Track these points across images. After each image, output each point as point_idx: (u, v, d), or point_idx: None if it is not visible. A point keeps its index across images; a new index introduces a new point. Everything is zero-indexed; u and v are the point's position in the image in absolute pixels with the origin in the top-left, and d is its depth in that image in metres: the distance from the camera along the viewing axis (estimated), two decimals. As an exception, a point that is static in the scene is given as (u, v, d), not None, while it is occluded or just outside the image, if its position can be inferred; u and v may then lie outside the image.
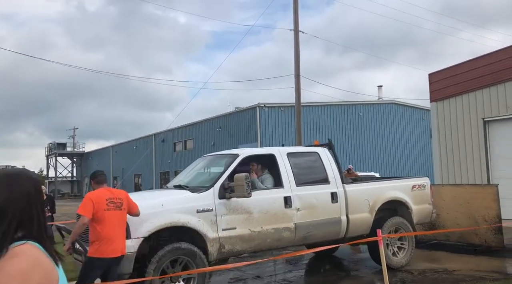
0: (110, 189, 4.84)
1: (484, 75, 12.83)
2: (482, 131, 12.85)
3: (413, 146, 31.45)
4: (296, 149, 7.58)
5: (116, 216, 4.62)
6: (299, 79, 15.37)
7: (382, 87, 35.43)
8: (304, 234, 6.34)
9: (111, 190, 4.85)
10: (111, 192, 4.76)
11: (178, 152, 35.08)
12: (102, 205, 4.54)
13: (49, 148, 58.26)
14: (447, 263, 7.62)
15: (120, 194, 4.81)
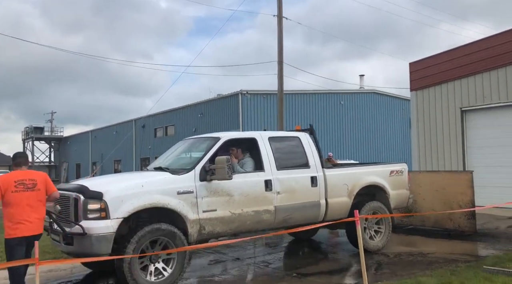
0: (26, 171, 4.98)
1: (463, 65, 13.07)
2: (459, 120, 13.13)
3: (393, 135, 31.93)
4: (277, 134, 7.62)
5: (25, 197, 4.74)
6: (282, 66, 15.37)
7: (363, 76, 35.75)
8: (283, 217, 6.41)
9: (27, 172, 4.98)
10: (25, 174, 4.90)
11: (159, 138, 34.78)
12: (10, 187, 4.70)
13: (25, 132, 56.94)
14: (422, 246, 7.84)
15: (35, 175, 4.96)
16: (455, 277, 5.39)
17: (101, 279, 6.23)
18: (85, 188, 5.23)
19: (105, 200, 5.03)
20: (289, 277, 6.08)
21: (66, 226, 5.19)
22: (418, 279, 5.40)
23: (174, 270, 5.40)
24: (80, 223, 5.00)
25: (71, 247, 5.12)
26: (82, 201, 5.08)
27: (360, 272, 5.26)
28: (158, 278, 5.32)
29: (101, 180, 6.15)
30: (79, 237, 4.98)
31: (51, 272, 6.59)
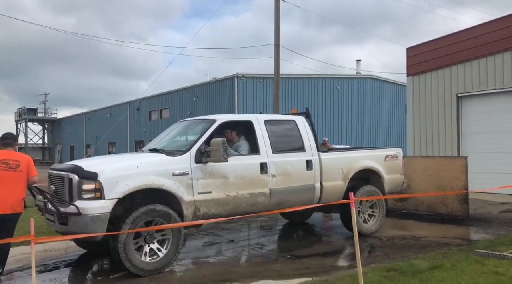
0: (12, 152, 5.19)
1: (460, 51, 13.04)
2: (455, 106, 13.16)
3: (389, 121, 31.98)
4: (273, 117, 7.60)
5: (7, 176, 4.96)
6: (278, 49, 15.24)
7: (360, 61, 35.60)
8: (278, 200, 6.43)
9: (12, 152, 5.19)
10: (10, 154, 5.11)
11: (154, 121, 34.63)
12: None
13: (18, 113, 56.43)
14: (415, 230, 7.92)
15: (19, 157, 5.19)
16: (447, 260, 5.46)
17: (96, 260, 6.25)
18: (80, 168, 5.21)
19: (100, 180, 5.01)
20: (283, 258, 6.13)
21: (60, 206, 5.17)
22: (410, 261, 5.46)
23: (169, 250, 5.43)
24: (75, 203, 4.98)
25: (66, 226, 5.11)
26: (76, 181, 5.06)
27: (353, 255, 5.32)
28: (153, 259, 5.35)
29: (95, 161, 6.12)
30: (73, 217, 4.97)
31: (45, 252, 6.60)
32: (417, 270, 5.02)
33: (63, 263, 6.16)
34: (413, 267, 5.15)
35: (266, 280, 5.04)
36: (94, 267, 5.96)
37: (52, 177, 5.66)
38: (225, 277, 5.17)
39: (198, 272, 5.46)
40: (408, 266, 5.21)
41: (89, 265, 6.03)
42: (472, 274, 4.79)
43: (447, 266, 5.16)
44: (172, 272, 5.48)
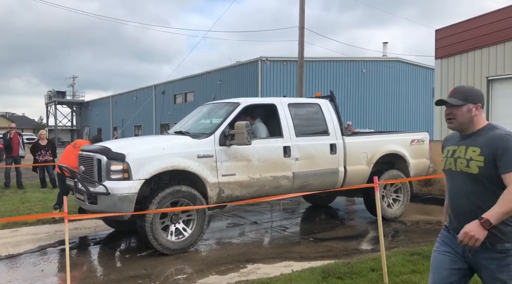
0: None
1: (490, 33, 12.58)
2: (485, 90, 12.76)
3: (415, 105, 31.35)
4: (297, 100, 7.57)
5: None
6: (303, 31, 15.06)
7: (387, 43, 34.81)
8: (301, 183, 6.46)
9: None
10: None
11: (178, 105, 34.97)
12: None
13: (48, 96, 57.94)
14: (440, 215, 7.81)
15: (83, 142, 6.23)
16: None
17: (123, 238, 6.47)
18: (108, 149, 5.35)
19: (128, 161, 5.14)
20: (305, 241, 6.19)
21: (90, 186, 5.35)
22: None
23: (194, 230, 5.56)
24: (104, 183, 5.15)
25: (95, 206, 5.30)
26: (105, 162, 5.22)
27: (377, 239, 5.33)
28: (178, 238, 5.49)
29: (123, 143, 6.27)
30: (102, 196, 5.15)
31: (76, 230, 6.86)
32: (441, 255, 4.98)
33: (93, 241, 6.41)
34: (437, 251, 5.11)
35: (288, 261, 5.11)
36: (122, 246, 6.17)
37: (82, 158, 5.84)
38: (248, 258, 5.28)
39: (222, 252, 5.59)
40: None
41: (117, 244, 6.25)
42: None
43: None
44: (197, 251, 5.63)
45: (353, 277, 4.27)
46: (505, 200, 2.16)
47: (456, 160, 2.41)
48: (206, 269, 4.87)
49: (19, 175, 11.57)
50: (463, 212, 2.37)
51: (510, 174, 2.20)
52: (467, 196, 2.35)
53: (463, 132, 2.45)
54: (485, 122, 2.42)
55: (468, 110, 2.37)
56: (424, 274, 4.30)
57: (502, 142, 2.25)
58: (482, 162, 2.28)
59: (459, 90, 2.44)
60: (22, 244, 6.01)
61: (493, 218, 2.12)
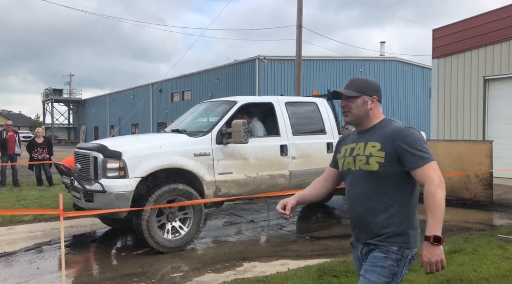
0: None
1: (487, 33, 12.62)
2: (481, 89, 12.81)
3: (412, 104, 31.41)
4: (294, 99, 7.57)
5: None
6: (301, 30, 15.05)
7: (384, 43, 34.84)
8: (298, 182, 6.47)
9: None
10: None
11: (176, 103, 34.91)
12: None
13: (45, 94, 57.74)
14: (436, 215, 7.84)
15: None
16: (468, 244, 5.42)
17: (119, 236, 6.45)
18: (104, 147, 5.34)
19: (124, 159, 5.13)
20: (301, 239, 6.19)
21: (86, 184, 5.34)
22: (430, 245, 5.43)
23: (190, 229, 5.56)
24: (100, 181, 5.13)
25: (91, 204, 5.28)
26: (101, 160, 5.20)
27: (373, 237, 5.34)
28: (175, 236, 5.49)
29: (120, 140, 6.25)
30: (99, 194, 5.13)
31: (72, 228, 6.85)
32: (437, 253, 4.99)
33: (89, 239, 6.39)
34: (432, 250, 5.13)
35: (284, 259, 5.12)
36: (118, 244, 6.16)
37: (78, 155, 5.83)
38: (245, 256, 5.28)
39: (218, 250, 5.58)
40: (428, 249, 5.18)
41: (113, 242, 6.24)
42: (493, 259, 4.75)
43: (468, 250, 5.12)
44: (193, 249, 5.62)
45: (349, 276, 4.27)
46: (432, 204, 2.01)
47: (355, 158, 2.20)
48: (202, 267, 4.86)
49: (15, 173, 11.53)
50: (361, 216, 2.20)
51: (422, 168, 2.04)
52: (366, 197, 2.16)
53: (360, 127, 2.27)
54: (382, 116, 2.26)
55: (364, 103, 2.21)
56: (420, 273, 4.31)
57: (405, 136, 2.09)
58: (383, 158, 2.09)
59: (355, 82, 2.28)
60: (17, 242, 5.99)
61: (437, 229, 1.99)
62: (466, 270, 4.36)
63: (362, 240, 2.24)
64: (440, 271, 2.01)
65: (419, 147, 2.06)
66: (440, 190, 2.02)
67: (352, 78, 2.34)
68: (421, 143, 2.08)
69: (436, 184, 2.02)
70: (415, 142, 2.07)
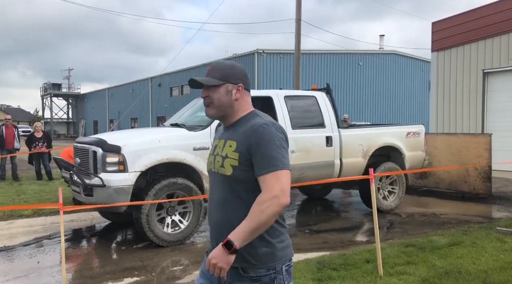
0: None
1: (487, 26, 12.58)
2: (481, 82, 12.80)
3: (412, 98, 31.40)
4: (293, 92, 7.55)
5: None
6: (300, 23, 15.00)
7: (383, 36, 34.75)
8: (297, 176, 6.47)
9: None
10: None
11: (175, 97, 34.85)
12: None
13: (44, 88, 57.58)
14: (435, 207, 7.88)
15: None
16: (467, 237, 5.44)
17: (119, 230, 6.47)
18: (104, 141, 5.34)
19: (123, 153, 5.13)
20: (301, 233, 6.21)
21: (86, 178, 5.34)
22: (429, 238, 5.46)
23: (190, 222, 5.57)
24: (99, 175, 5.13)
25: (91, 198, 5.29)
26: (100, 154, 5.20)
27: (372, 230, 5.36)
28: (174, 230, 5.50)
29: (119, 135, 6.25)
30: (98, 188, 5.14)
31: (72, 222, 6.86)
32: (436, 246, 5.03)
33: (89, 233, 6.41)
34: (431, 243, 5.16)
35: (284, 253, 5.12)
36: (118, 238, 6.18)
37: (77, 150, 5.82)
38: (245, 249, 5.28)
39: (218, 244, 5.59)
40: (427, 242, 5.21)
41: (113, 235, 6.25)
42: (492, 252, 4.77)
43: (466, 243, 5.15)
44: (193, 243, 5.64)
45: (348, 269, 4.29)
46: (253, 213, 1.66)
47: (215, 158, 1.88)
48: (201, 260, 4.87)
49: (14, 167, 11.53)
50: (216, 227, 1.87)
51: (265, 176, 1.69)
52: (222, 205, 1.84)
53: (226, 122, 1.93)
54: (250, 108, 1.91)
55: (227, 92, 1.87)
56: (419, 266, 4.34)
57: (257, 134, 1.74)
58: (237, 161, 1.76)
59: (217, 68, 1.92)
60: (17, 236, 6.01)
61: (238, 238, 1.64)
62: (465, 263, 4.39)
63: None
64: (217, 277, 1.71)
65: (270, 150, 1.71)
66: (272, 204, 1.65)
67: (214, 63, 1.97)
68: (275, 144, 1.72)
69: (272, 195, 1.65)
70: (268, 144, 1.72)
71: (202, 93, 1.93)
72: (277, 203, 1.65)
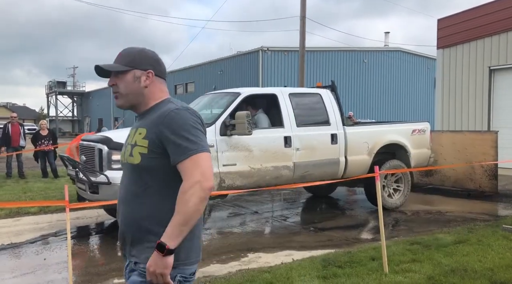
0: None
1: (493, 22, 12.48)
2: (487, 79, 12.71)
3: (417, 95, 31.25)
4: (298, 90, 7.55)
5: None
6: (304, 21, 14.97)
7: (389, 33, 34.59)
8: (302, 173, 6.47)
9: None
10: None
11: (179, 95, 34.88)
12: None
13: (49, 86, 57.81)
14: (440, 205, 7.85)
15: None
16: (473, 235, 5.42)
17: (125, 228, 6.49)
18: (109, 139, 5.36)
19: (128, 151, 5.14)
20: (306, 230, 6.21)
21: (91, 175, 5.36)
22: (435, 235, 5.45)
23: (195, 220, 5.57)
24: (105, 173, 5.16)
25: (96, 195, 5.31)
26: (106, 151, 5.22)
27: (377, 228, 5.35)
28: (179, 228, 5.50)
29: (124, 132, 6.25)
30: (104, 186, 5.16)
31: (78, 220, 6.90)
32: (442, 244, 5.01)
33: (94, 230, 6.44)
34: (437, 241, 5.14)
35: (289, 250, 5.14)
36: (123, 235, 6.19)
37: (83, 148, 5.85)
38: (249, 247, 5.30)
39: (223, 241, 5.61)
40: (432, 240, 5.20)
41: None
42: (498, 249, 4.75)
43: (472, 240, 5.12)
44: (198, 241, 5.64)
45: (353, 266, 4.29)
46: (178, 204, 1.55)
47: (126, 147, 1.78)
48: (207, 258, 4.89)
49: (20, 165, 11.60)
50: (123, 223, 1.73)
51: (182, 163, 1.58)
52: (129, 199, 1.71)
53: (137, 111, 1.83)
54: (165, 96, 1.79)
55: (135, 78, 1.74)
56: (424, 263, 4.33)
57: (170, 120, 1.63)
58: (146, 148, 1.65)
59: (124, 54, 1.77)
60: (24, 233, 6.05)
61: (169, 236, 1.53)
62: (471, 260, 4.37)
63: (126, 252, 1.76)
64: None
65: (184, 134, 1.60)
66: (196, 191, 1.54)
67: (123, 49, 1.82)
68: (189, 128, 1.62)
69: (194, 181, 1.55)
70: (180, 128, 1.61)
71: (109, 82, 1.80)
72: (200, 188, 1.54)
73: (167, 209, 1.60)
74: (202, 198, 1.55)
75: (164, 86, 1.83)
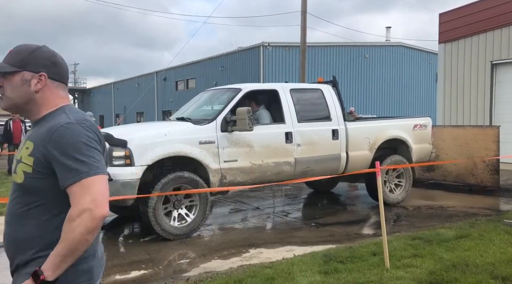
0: None
1: (495, 16, 12.41)
2: (489, 74, 12.65)
3: (418, 90, 31.14)
4: (299, 86, 7.53)
5: None
6: (305, 16, 14.90)
7: (390, 28, 34.44)
8: (303, 169, 6.47)
9: None
10: None
11: (180, 91, 34.85)
12: None
13: (50, 84, 57.76)
14: (442, 200, 7.85)
15: None
16: (474, 230, 5.41)
17: (126, 224, 6.51)
18: (110, 136, 5.35)
19: (130, 147, 5.15)
20: (307, 226, 6.22)
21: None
22: (436, 230, 5.44)
23: (197, 216, 5.59)
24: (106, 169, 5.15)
25: (98, 192, 5.31)
26: (107, 148, 5.21)
27: (378, 223, 5.35)
28: (181, 224, 5.53)
29: (125, 129, 6.27)
30: (105, 183, 5.16)
31: (80, 216, 6.90)
32: (443, 239, 5.01)
33: (97, 227, 6.44)
34: (439, 236, 5.14)
35: (290, 246, 5.14)
36: (125, 231, 6.22)
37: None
38: (251, 242, 5.31)
39: (224, 237, 5.62)
40: (434, 235, 5.20)
41: (120, 229, 6.29)
42: (500, 244, 4.74)
43: (474, 235, 5.12)
44: (200, 236, 5.66)
45: (355, 261, 4.29)
46: (64, 233, 1.37)
47: (14, 162, 1.56)
48: (208, 253, 4.90)
49: (22, 162, 11.62)
50: (6, 244, 1.54)
51: (70, 188, 1.38)
52: (10, 220, 1.51)
53: (30, 118, 1.59)
54: (61, 103, 1.55)
55: (24, 81, 1.50)
56: (426, 258, 4.33)
57: (58, 137, 1.41)
58: (31, 167, 1.44)
59: (15, 51, 1.54)
60: (26, 230, 6.06)
61: (48, 266, 1.36)
62: (472, 255, 4.37)
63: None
64: None
65: (74, 155, 1.39)
66: (83, 220, 1.36)
67: (15, 46, 1.58)
68: (81, 147, 1.40)
69: (82, 209, 1.36)
70: (70, 147, 1.39)
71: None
72: (90, 217, 1.35)
73: (47, 239, 1.43)
74: (89, 229, 1.37)
75: (63, 91, 1.59)
